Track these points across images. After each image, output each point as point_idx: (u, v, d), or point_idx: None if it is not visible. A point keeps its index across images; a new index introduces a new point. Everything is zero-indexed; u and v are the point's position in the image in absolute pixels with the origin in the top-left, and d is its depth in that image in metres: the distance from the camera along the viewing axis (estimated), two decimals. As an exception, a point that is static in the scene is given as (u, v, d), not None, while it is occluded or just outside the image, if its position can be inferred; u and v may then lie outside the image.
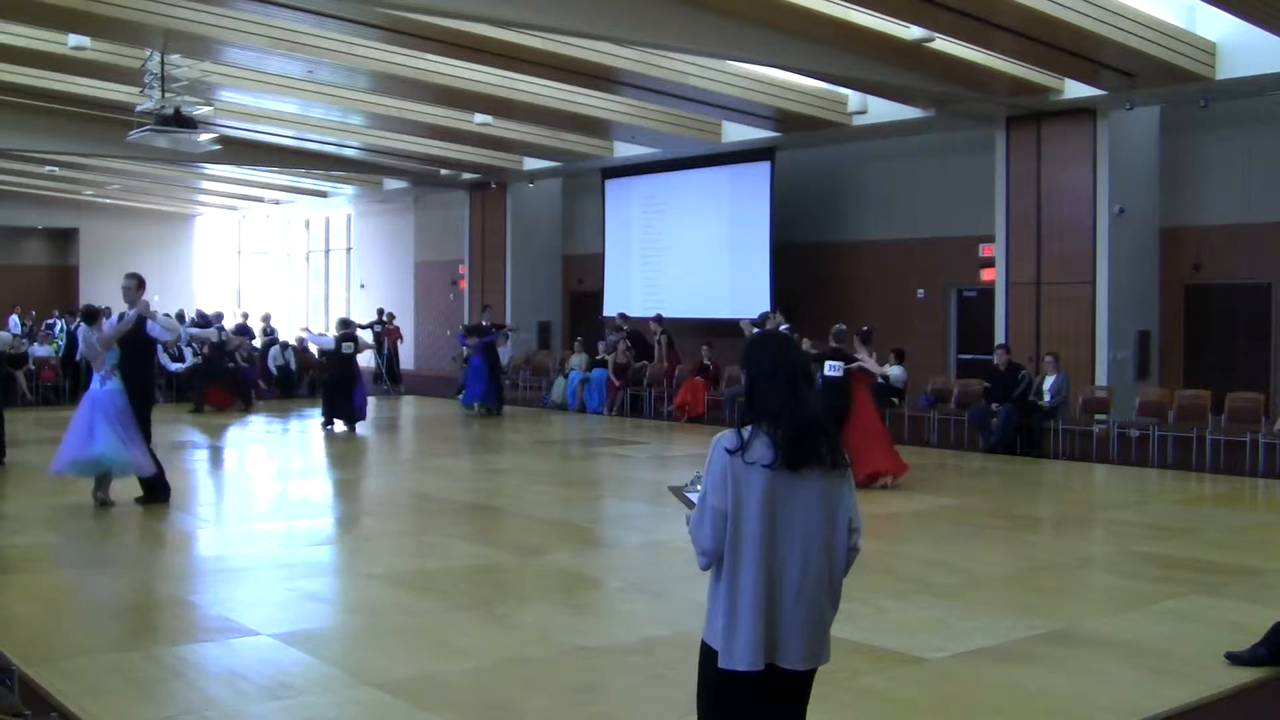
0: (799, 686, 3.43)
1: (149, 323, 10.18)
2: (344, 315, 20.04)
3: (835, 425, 3.49)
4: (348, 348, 17.44)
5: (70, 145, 22.02)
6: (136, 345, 10.16)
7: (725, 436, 3.35)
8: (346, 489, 12.45)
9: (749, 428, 3.34)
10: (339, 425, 16.97)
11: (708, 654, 3.36)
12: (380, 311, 24.99)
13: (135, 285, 10.14)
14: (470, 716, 5.31)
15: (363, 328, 25.39)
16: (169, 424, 17.53)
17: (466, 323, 19.88)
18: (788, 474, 3.29)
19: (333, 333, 18.20)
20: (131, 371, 10.07)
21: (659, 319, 20.77)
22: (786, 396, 3.33)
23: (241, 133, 21.39)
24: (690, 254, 21.84)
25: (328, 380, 17.91)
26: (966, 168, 18.60)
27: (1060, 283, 16.34)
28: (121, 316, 10.27)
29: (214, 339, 19.89)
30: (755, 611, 3.27)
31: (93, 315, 10.46)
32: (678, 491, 3.73)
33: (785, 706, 3.43)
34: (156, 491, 10.28)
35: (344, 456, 15.26)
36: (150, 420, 10.42)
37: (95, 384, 9.95)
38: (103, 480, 10.04)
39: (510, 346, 23.51)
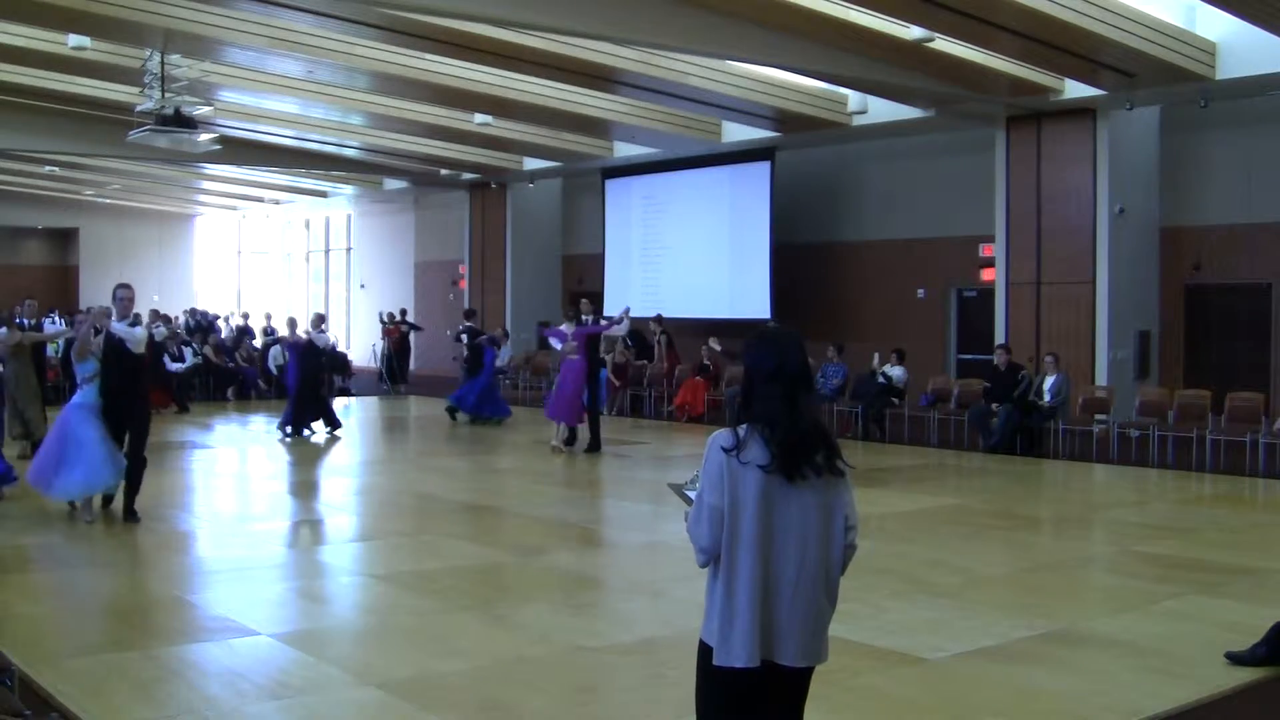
0: (797, 685, 3.42)
1: (113, 326, 9.49)
2: (320, 311, 19.61)
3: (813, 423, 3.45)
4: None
5: (70, 145, 22.02)
6: (110, 354, 9.53)
7: (722, 435, 3.34)
8: (346, 489, 12.44)
9: (745, 427, 3.33)
10: (312, 430, 16.24)
11: (705, 652, 3.37)
12: (403, 312, 25.07)
13: (130, 298, 9.65)
14: (470, 716, 5.31)
15: (416, 328, 25.42)
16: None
17: (471, 325, 19.05)
18: (784, 479, 3.29)
19: (302, 330, 17.06)
20: (110, 381, 9.51)
21: (659, 319, 20.77)
22: (783, 403, 3.31)
23: (241, 133, 21.39)
24: (690, 254, 21.84)
25: (308, 382, 16.44)
26: (966, 168, 18.59)
27: (1060, 283, 16.35)
28: (136, 322, 9.85)
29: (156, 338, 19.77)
30: (751, 609, 3.27)
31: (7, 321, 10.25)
32: (677, 489, 3.73)
33: (783, 705, 3.42)
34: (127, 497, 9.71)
35: (343, 457, 15.27)
36: (139, 433, 9.67)
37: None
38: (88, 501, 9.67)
39: (509, 347, 23.52)
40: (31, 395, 12.99)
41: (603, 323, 16.41)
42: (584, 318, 15.37)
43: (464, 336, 19.35)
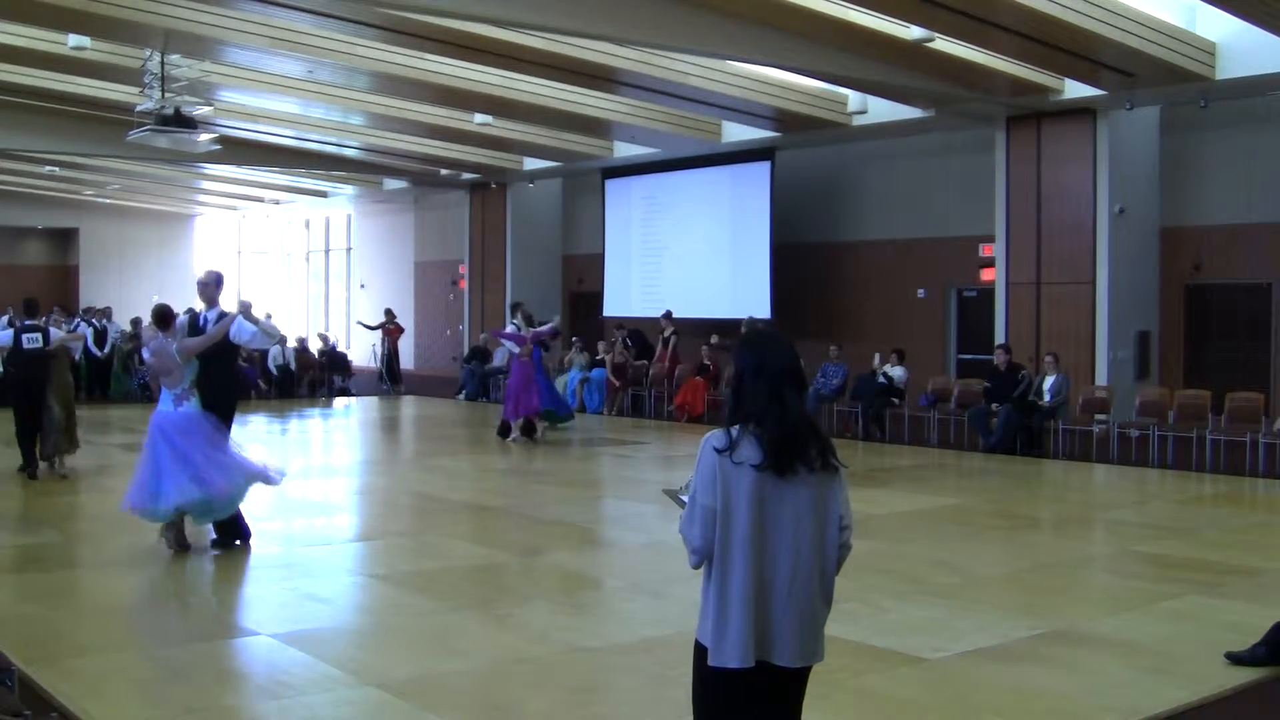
0: (793, 685, 3.42)
1: (238, 324, 8.64)
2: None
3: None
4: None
5: (70, 145, 22.01)
6: (220, 350, 8.67)
7: (714, 436, 3.35)
8: (346, 489, 12.45)
9: (737, 427, 3.34)
10: None
11: (701, 652, 3.37)
12: (388, 312, 25.02)
13: (215, 283, 8.94)
14: (470, 716, 5.31)
15: (370, 328, 25.40)
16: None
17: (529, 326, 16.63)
18: (776, 475, 3.29)
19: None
20: (212, 380, 8.53)
21: (669, 316, 20.65)
22: (770, 399, 3.32)
23: (241, 133, 21.38)
24: (690, 254, 21.83)
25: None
26: (966, 168, 18.59)
27: (1060, 283, 16.34)
28: (196, 319, 8.87)
29: None
30: (745, 609, 3.27)
31: (166, 319, 8.55)
32: (672, 495, 3.73)
33: (779, 705, 3.42)
34: (236, 532, 8.71)
35: (343, 457, 15.28)
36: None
37: (166, 404, 8.30)
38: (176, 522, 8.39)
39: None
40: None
41: (545, 328, 16.66)
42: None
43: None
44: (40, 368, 11.95)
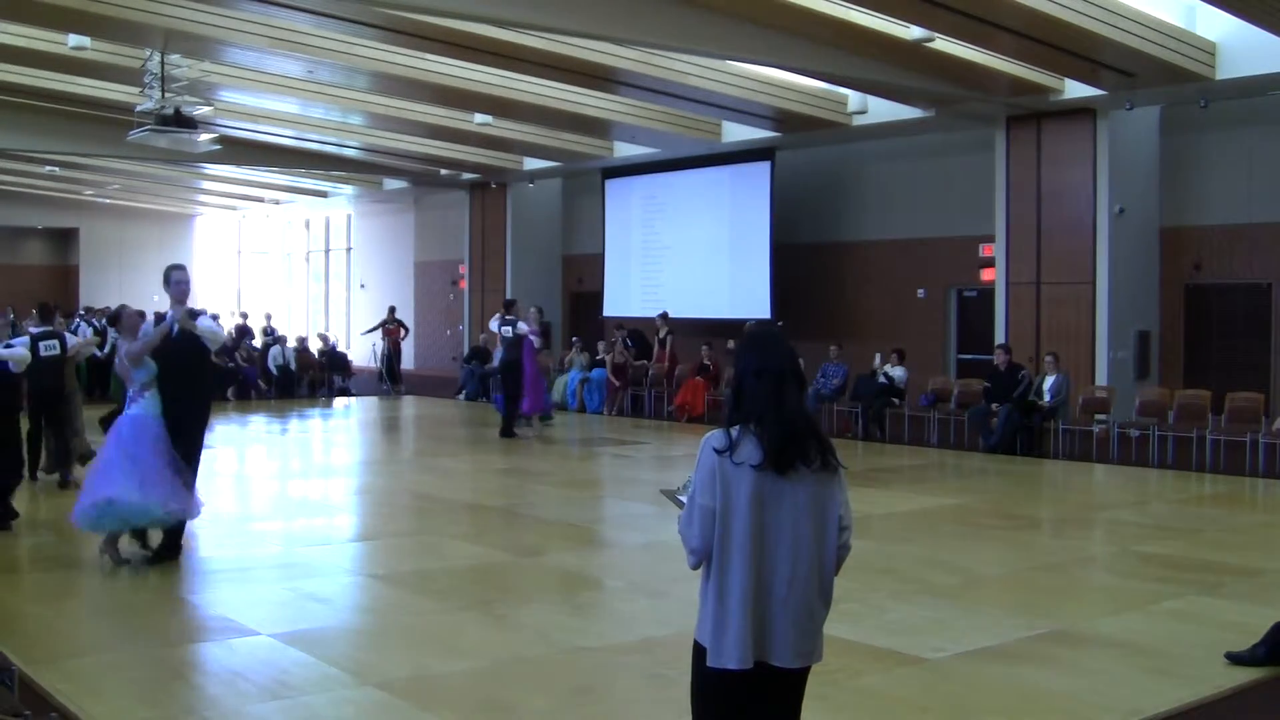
0: (792, 685, 3.42)
1: (202, 323, 8.29)
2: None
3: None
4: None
5: (70, 145, 22.01)
6: (179, 354, 8.14)
7: (714, 436, 3.34)
8: (346, 489, 12.45)
9: (737, 428, 3.33)
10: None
11: (699, 653, 3.37)
12: (391, 310, 25.02)
13: (187, 280, 8.43)
14: (470, 716, 5.31)
15: (369, 330, 25.47)
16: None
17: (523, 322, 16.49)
18: (776, 474, 3.29)
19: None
20: (177, 386, 8.09)
21: (665, 316, 20.67)
22: (770, 398, 3.31)
23: (241, 133, 21.38)
24: (690, 254, 21.83)
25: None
26: (966, 168, 18.59)
27: (1060, 283, 16.34)
28: (160, 320, 8.44)
29: None
30: (744, 610, 3.27)
31: (117, 320, 8.23)
32: (670, 495, 3.73)
33: (778, 705, 3.42)
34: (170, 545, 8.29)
35: (343, 457, 15.27)
36: (199, 444, 8.51)
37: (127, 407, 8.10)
38: (114, 536, 8.11)
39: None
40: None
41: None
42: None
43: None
44: (57, 376, 11.37)
